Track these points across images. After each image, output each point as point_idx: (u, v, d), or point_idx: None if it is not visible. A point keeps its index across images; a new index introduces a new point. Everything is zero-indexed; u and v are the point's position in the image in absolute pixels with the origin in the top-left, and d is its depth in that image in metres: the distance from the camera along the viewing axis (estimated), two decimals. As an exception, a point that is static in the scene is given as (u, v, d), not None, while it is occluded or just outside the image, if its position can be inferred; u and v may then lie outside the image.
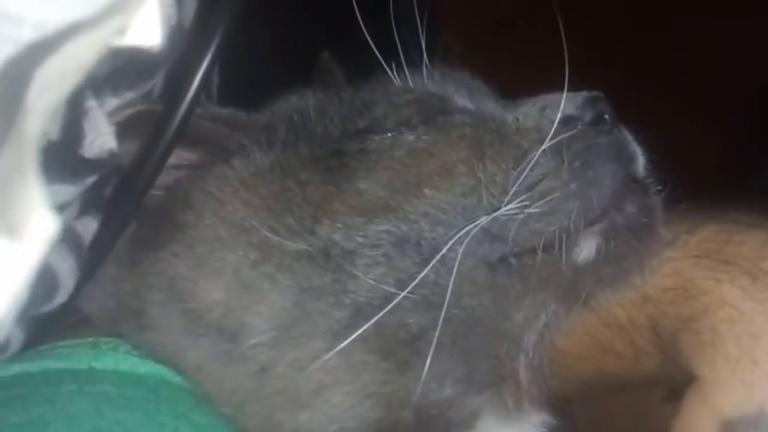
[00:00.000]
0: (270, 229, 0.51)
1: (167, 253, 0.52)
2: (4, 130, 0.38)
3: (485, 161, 0.52)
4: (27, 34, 0.39)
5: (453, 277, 0.49)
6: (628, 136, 0.55)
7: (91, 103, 0.44)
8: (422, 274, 0.49)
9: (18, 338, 0.47)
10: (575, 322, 0.53)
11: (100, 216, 0.48)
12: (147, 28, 0.43)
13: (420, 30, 0.57)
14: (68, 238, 0.46)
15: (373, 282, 0.49)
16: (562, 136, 0.52)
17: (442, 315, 0.49)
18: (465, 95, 0.57)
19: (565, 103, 0.54)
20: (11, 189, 0.38)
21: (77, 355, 0.50)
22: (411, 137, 0.53)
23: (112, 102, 0.45)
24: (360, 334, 0.49)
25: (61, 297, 0.47)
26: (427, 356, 0.49)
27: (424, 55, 0.58)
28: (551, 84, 0.56)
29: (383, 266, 0.50)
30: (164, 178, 0.53)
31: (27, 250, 0.38)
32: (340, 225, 0.51)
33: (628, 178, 0.53)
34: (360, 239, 0.50)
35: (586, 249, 0.51)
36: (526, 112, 0.55)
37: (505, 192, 0.51)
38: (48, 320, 0.48)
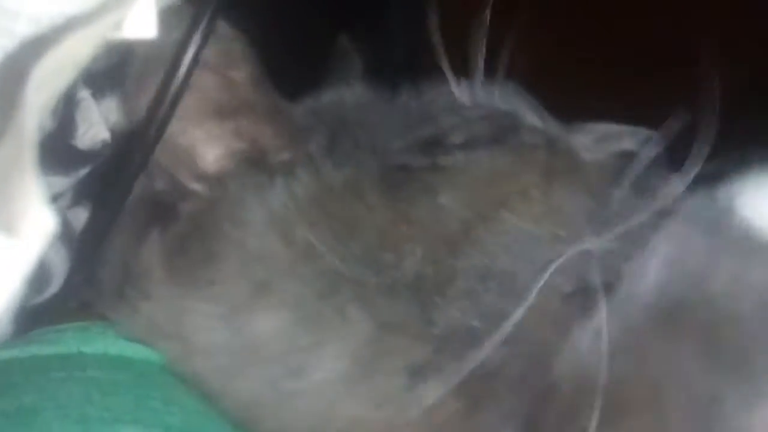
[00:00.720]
0: (341, 257, 0.47)
1: (218, 273, 0.48)
2: (1, 126, 0.38)
3: (556, 188, 0.50)
4: (23, 29, 0.39)
5: (524, 309, 0.46)
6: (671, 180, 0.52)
7: (84, 94, 0.44)
8: (519, 314, 0.45)
9: (6, 330, 0.47)
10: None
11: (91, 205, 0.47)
12: (143, 21, 0.42)
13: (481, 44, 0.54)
14: (61, 229, 0.45)
15: (458, 315, 0.46)
16: (639, 172, 0.50)
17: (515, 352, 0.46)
18: (532, 113, 0.55)
19: (624, 137, 0.53)
20: (9, 185, 0.38)
21: (66, 340, 0.50)
22: (484, 154, 0.50)
23: (110, 101, 0.45)
24: (442, 369, 0.46)
25: (53, 288, 0.47)
26: (499, 395, 0.46)
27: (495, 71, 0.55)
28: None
29: (466, 299, 0.47)
30: (213, 156, 0.49)
31: (25, 246, 0.38)
32: (419, 254, 0.47)
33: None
34: (445, 270, 0.47)
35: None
36: (586, 140, 0.54)
37: (576, 223, 0.48)
38: (38, 311, 0.48)
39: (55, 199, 0.44)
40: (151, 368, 0.49)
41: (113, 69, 0.45)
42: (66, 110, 0.43)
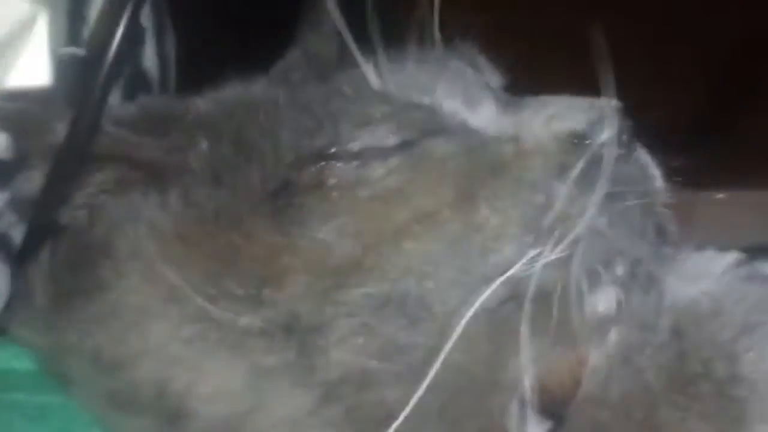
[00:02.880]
0: (210, 298, 0.43)
1: (87, 315, 0.45)
2: None
3: (478, 202, 0.44)
4: None
5: (450, 339, 0.42)
6: (646, 160, 0.48)
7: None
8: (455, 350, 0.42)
9: None
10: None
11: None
12: (35, 67, 0.46)
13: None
14: (2, 246, 0.48)
15: (348, 357, 0.42)
16: (578, 165, 0.45)
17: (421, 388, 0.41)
18: (459, 94, 0.48)
19: (574, 114, 0.47)
20: None
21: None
22: (381, 170, 0.44)
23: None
24: (328, 418, 0.43)
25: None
26: None
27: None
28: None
29: (361, 336, 0.42)
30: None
31: None
32: (300, 291, 0.43)
33: (653, 211, 0.47)
34: (330, 308, 0.42)
35: (605, 300, 0.45)
36: (528, 124, 0.47)
37: (504, 236, 0.44)
38: None
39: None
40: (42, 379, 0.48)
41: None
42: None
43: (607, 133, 0.46)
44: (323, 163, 0.44)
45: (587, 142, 0.46)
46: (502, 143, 0.47)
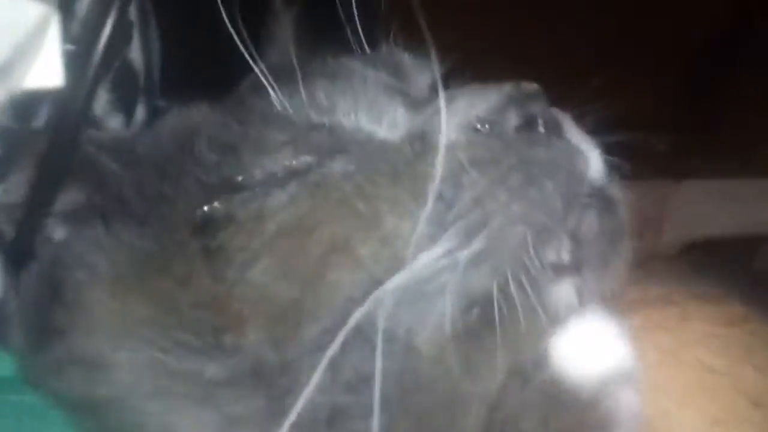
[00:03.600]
0: (163, 350, 0.43)
1: (52, 359, 0.46)
2: None
3: (382, 215, 0.43)
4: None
5: (378, 361, 0.40)
6: (571, 141, 0.45)
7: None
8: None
9: None
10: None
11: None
12: (49, 70, 0.46)
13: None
14: None
15: (317, 395, 0.41)
16: (484, 153, 0.43)
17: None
18: (365, 107, 0.47)
19: (479, 102, 0.45)
20: None
21: (3, 361, 0.49)
22: (282, 198, 0.43)
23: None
24: None
25: None
26: None
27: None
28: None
29: (327, 372, 0.41)
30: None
31: None
32: (261, 335, 0.42)
33: (579, 194, 0.44)
34: (292, 348, 0.42)
35: (564, 293, 0.44)
36: (435, 120, 0.45)
37: (415, 239, 0.42)
38: None
39: None
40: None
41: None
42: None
43: (514, 118, 0.44)
44: (231, 194, 0.44)
45: (494, 128, 0.44)
46: (404, 145, 0.45)
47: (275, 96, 0.46)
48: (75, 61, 0.48)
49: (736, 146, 1.18)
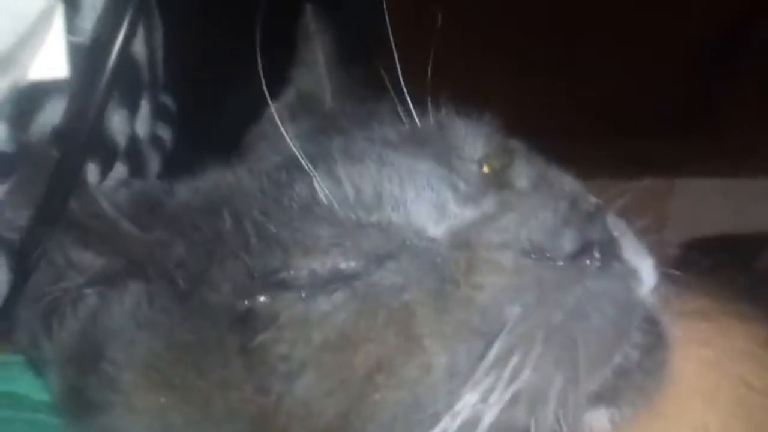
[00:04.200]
0: None
1: (87, 427, 0.46)
2: None
3: (424, 341, 0.41)
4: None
5: None
6: (628, 263, 0.42)
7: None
8: None
9: None
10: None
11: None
12: (53, 61, 0.46)
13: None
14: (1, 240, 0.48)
15: None
16: (532, 286, 0.40)
17: None
18: (412, 191, 0.44)
19: (532, 219, 0.41)
20: None
21: (19, 380, 0.50)
22: (327, 306, 0.41)
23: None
24: None
25: None
26: None
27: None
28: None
29: None
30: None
31: None
32: None
33: (631, 323, 0.42)
34: None
35: (597, 422, 0.43)
36: (484, 230, 0.42)
37: (453, 375, 0.40)
38: None
39: None
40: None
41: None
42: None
43: (571, 245, 0.41)
44: (275, 292, 0.42)
45: (547, 255, 0.41)
46: (451, 255, 0.42)
47: (320, 187, 0.43)
48: (87, 67, 0.48)
49: (737, 146, 1.18)
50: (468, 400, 0.39)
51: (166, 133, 0.65)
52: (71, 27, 0.49)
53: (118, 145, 0.57)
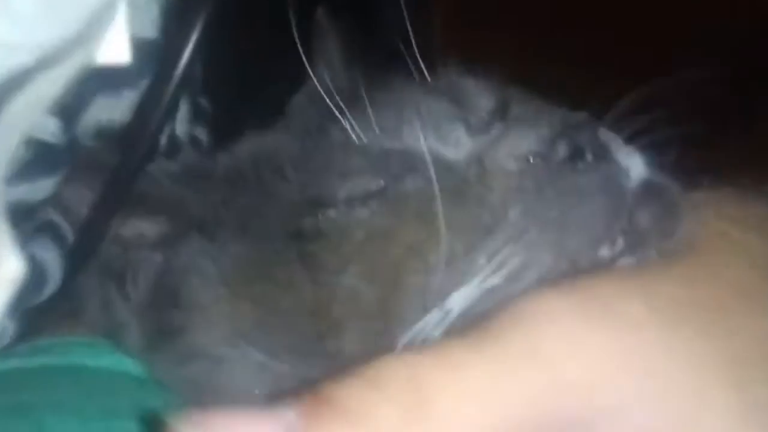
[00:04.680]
0: (271, 354, 0.47)
1: (171, 356, 0.50)
2: None
3: (450, 231, 0.46)
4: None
5: None
6: (617, 162, 0.48)
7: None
8: None
9: (10, 329, 0.50)
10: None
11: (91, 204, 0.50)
12: (116, 47, 0.47)
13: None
14: (49, 229, 0.49)
15: None
16: (534, 184, 0.47)
17: None
18: (430, 126, 0.51)
19: (530, 135, 0.49)
20: None
21: (74, 353, 0.52)
22: (365, 213, 0.48)
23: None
24: None
25: (51, 288, 0.50)
26: None
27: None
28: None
29: None
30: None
31: None
32: (357, 339, 0.46)
33: (625, 204, 0.47)
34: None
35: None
36: (492, 147, 0.50)
37: (468, 263, 0.46)
38: (40, 311, 0.51)
39: (44, 202, 0.48)
40: (154, 383, 0.51)
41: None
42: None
43: (564, 150, 0.48)
44: (318, 212, 0.49)
45: (544, 161, 0.48)
46: (465, 167, 0.50)
47: (351, 129, 0.51)
48: (155, 65, 0.51)
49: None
50: (472, 283, 0.44)
51: (202, 135, 0.65)
52: (134, 19, 0.49)
53: (158, 143, 0.57)
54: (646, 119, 0.50)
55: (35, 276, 0.49)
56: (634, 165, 0.48)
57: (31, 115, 0.45)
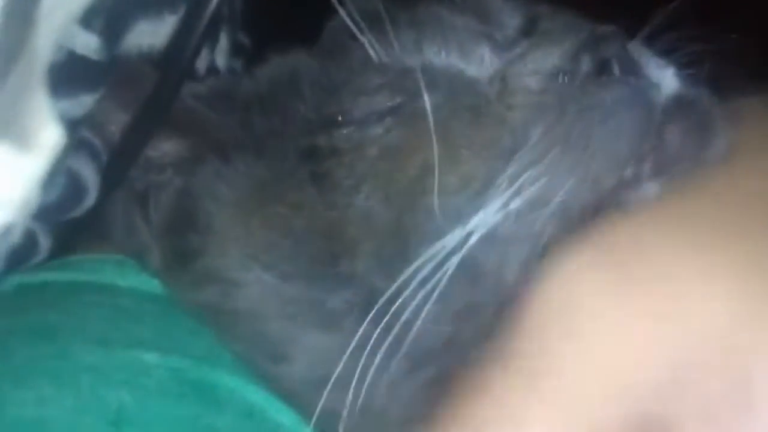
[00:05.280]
0: (284, 276, 0.47)
1: (189, 277, 0.51)
2: (16, 47, 0.40)
3: (463, 154, 0.46)
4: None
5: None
6: (647, 76, 0.46)
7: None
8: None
9: (46, 245, 0.50)
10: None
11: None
12: None
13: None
14: (85, 146, 0.49)
15: (429, 326, 0.44)
16: (554, 101, 0.45)
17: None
18: (454, 44, 0.50)
19: (555, 50, 0.47)
20: (22, 103, 0.41)
21: (102, 270, 0.53)
22: (379, 130, 0.48)
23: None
24: (423, 383, 0.46)
25: (89, 201, 0.50)
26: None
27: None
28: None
29: (436, 304, 0.43)
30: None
31: (35, 160, 0.41)
32: (372, 262, 0.46)
33: (653, 119, 0.45)
34: (400, 276, 0.44)
35: (650, 192, 0.45)
36: (514, 64, 0.48)
37: (489, 188, 0.45)
38: (77, 226, 0.51)
39: (87, 117, 0.48)
40: (175, 307, 0.52)
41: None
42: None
43: (588, 64, 0.46)
44: (333, 130, 0.49)
45: (568, 77, 0.46)
46: (487, 84, 0.49)
47: (370, 46, 0.49)
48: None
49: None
50: (492, 207, 0.44)
51: (241, 69, 0.64)
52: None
53: (198, 73, 0.58)
54: (677, 35, 0.49)
55: (74, 189, 0.49)
56: (665, 78, 0.47)
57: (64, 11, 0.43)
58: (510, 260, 0.45)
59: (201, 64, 0.58)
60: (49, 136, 0.41)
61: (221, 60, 0.61)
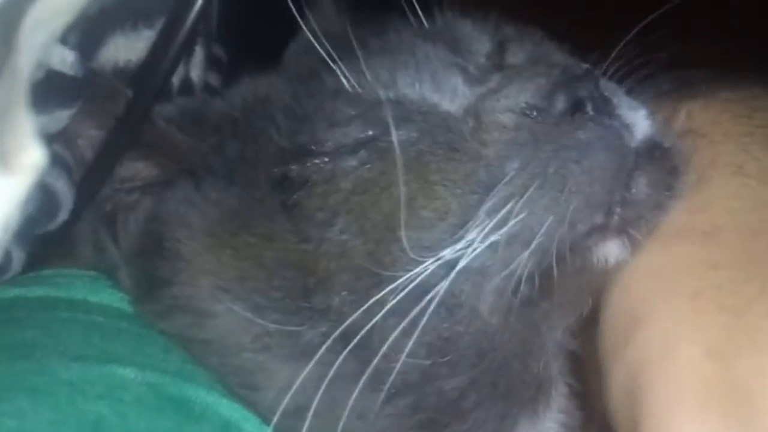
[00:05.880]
0: (256, 309, 0.47)
1: (161, 304, 0.50)
2: None
3: (438, 189, 0.46)
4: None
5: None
6: (620, 116, 0.46)
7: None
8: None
9: (19, 259, 0.50)
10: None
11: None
12: None
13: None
14: (59, 160, 0.49)
15: (408, 360, 0.44)
16: (530, 138, 0.45)
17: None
18: (426, 75, 0.50)
19: (528, 86, 0.47)
20: (4, 122, 0.40)
21: (75, 286, 0.52)
22: (353, 162, 0.47)
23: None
24: (397, 413, 0.46)
25: (63, 215, 0.50)
26: (469, 411, 0.46)
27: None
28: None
29: (409, 336, 0.43)
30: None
31: (17, 180, 0.40)
32: (346, 296, 0.45)
33: (626, 164, 0.45)
34: (376, 309, 0.44)
35: (613, 250, 0.46)
36: (489, 98, 0.48)
37: (465, 221, 0.45)
38: (50, 240, 0.51)
39: (60, 133, 0.48)
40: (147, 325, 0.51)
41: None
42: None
43: (562, 103, 0.46)
44: (305, 160, 0.48)
45: (542, 114, 0.46)
46: (461, 120, 0.48)
47: (343, 76, 0.49)
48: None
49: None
50: (470, 239, 0.44)
51: (216, 81, 0.65)
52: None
53: (173, 85, 0.58)
54: (645, 63, 0.49)
55: (48, 202, 0.49)
56: (638, 119, 0.47)
57: (60, 15, 0.42)
58: (485, 293, 0.45)
59: (175, 77, 0.57)
60: (31, 156, 0.40)
61: (196, 73, 0.61)
